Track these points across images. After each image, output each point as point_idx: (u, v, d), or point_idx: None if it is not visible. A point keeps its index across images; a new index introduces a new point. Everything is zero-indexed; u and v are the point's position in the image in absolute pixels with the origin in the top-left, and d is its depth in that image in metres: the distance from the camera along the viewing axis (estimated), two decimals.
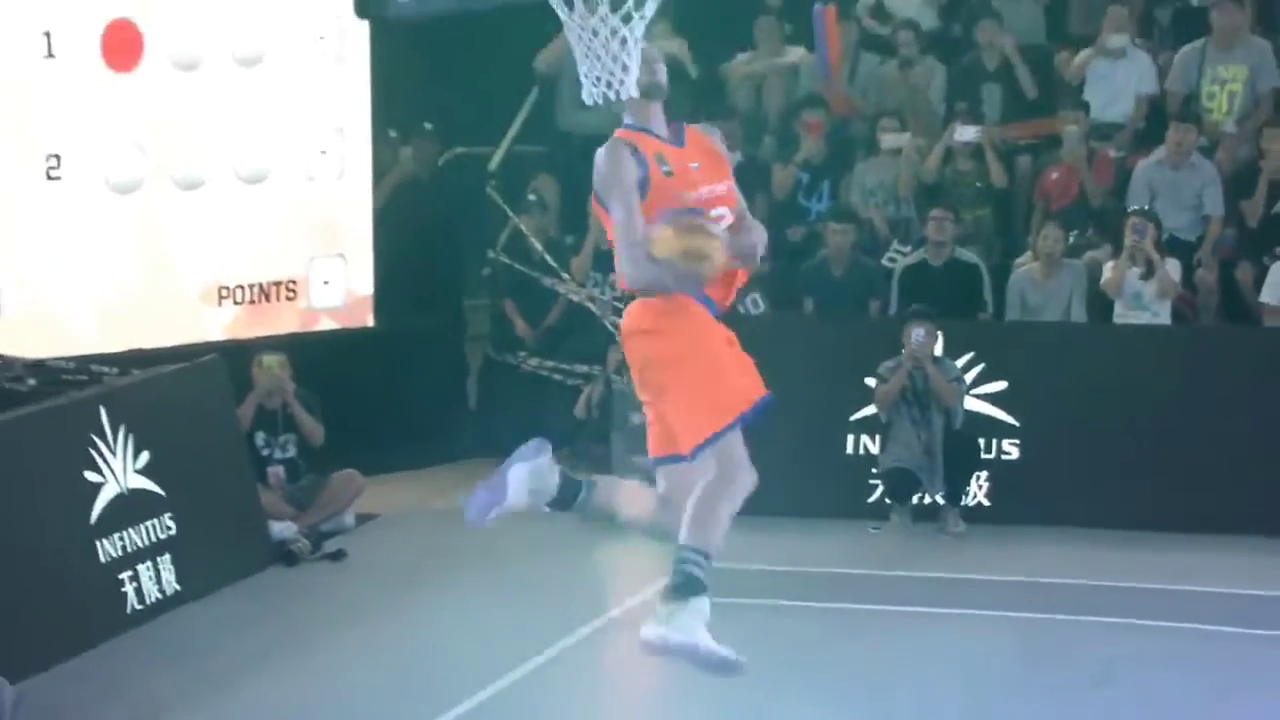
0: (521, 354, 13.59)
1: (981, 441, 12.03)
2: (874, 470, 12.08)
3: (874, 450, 12.11)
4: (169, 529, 10.53)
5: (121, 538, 10.22)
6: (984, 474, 12.06)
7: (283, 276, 12.73)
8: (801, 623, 10.15)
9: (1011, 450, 12.12)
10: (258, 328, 12.50)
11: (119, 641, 9.96)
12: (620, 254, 6.18)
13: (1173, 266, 12.42)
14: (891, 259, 13.26)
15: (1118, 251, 12.46)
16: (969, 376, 12.08)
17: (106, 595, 10.07)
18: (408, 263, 13.41)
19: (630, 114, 6.29)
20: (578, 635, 9.89)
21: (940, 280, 12.73)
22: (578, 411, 12.93)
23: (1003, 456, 12.11)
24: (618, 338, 6.29)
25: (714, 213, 6.30)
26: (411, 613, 10.52)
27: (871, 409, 12.05)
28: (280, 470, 11.92)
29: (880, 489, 12.07)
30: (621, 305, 8.22)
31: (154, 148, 12.03)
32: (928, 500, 12.01)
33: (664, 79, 6.31)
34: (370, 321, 13.14)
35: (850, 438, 12.20)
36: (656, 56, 6.33)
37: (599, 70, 6.24)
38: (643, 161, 6.18)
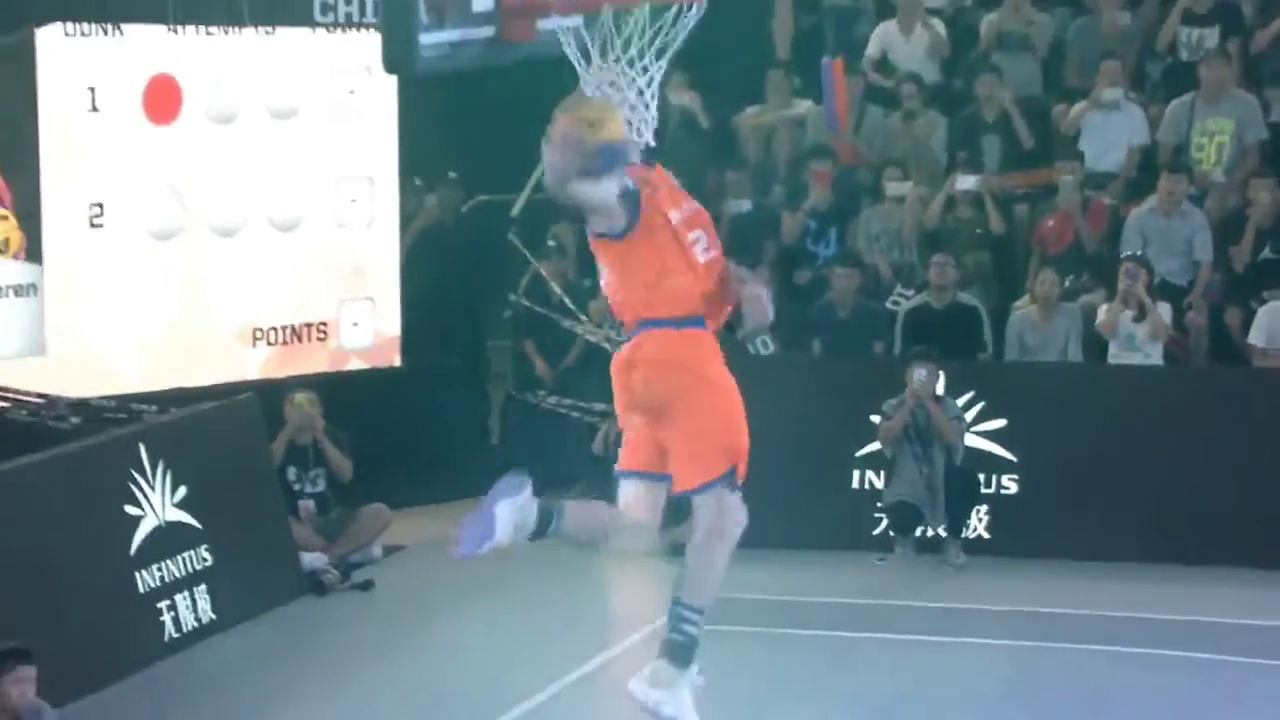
0: (541, 392, 13.61)
1: (981, 477, 12.04)
2: (879, 504, 12.09)
3: (879, 485, 12.13)
4: (205, 560, 10.57)
5: (160, 568, 10.26)
6: (984, 508, 12.07)
7: (314, 318, 12.80)
8: (809, 650, 10.15)
9: (1010, 485, 12.12)
10: (290, 367, 12.55)
11: (158, 668, 9.99)
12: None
13: (1164, 310, 12.44)
14: (895, 302, 13.29)
15: (1112, 295, 12.48)
16: (969, 414, 12.10)
17: (145, 624, 10.11)
18: (433, 305, 13.48)
19: None
20: (599, 660, 9.90)
21: (942, 322, 12.74)
22: (595, 448, 12.94)
23: (1002, 491, 12.12)
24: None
25: (691, 235, 6.35)
26: (437, 640, 10.55)
27: (876, 445, 12.07)
28: (311, 504, 11.96)
29: (885, 522, 12.08)
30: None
31: (192, 196, 12.11)
32: (930, 533, 12.03)
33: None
34: (397, 361, 13.19)
35: (856, 473, 12.22)
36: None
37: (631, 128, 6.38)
38: (630, 182, 6.26)
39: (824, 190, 13.80)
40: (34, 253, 11.50)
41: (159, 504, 10.36)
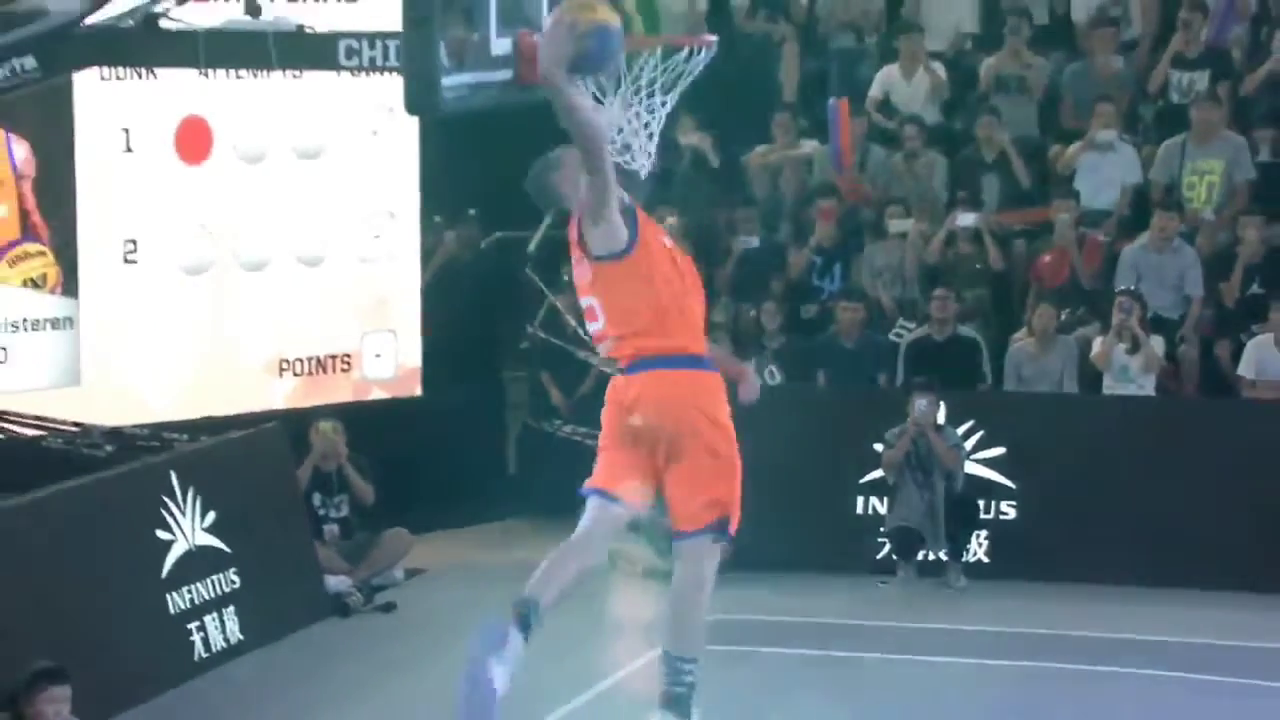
0: (557, 422, 13.61)
1: (981, 503, 12.04)
2: (882, 529, 12.08)
3: (881, 510, 12.12)
4: (233, 583, 10.58)
5: (190, 591, 10.27)
6: (983, 533, 12.06)
7: (338, 350, 12.84)
8: (813, 669, 10.13)
9: (1009, 511, 12.12)
10: (315, 397, 12.58)
11: (188, 687, 9.99)
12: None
13: (1157, 343, 12.44)
14: (898, 334, 13.30)
15: (1106, 329, 12.49)
16: (969, 443, 12.10)
17: (176, 644, 10.11)
18: (452, 337, 13.49)
19: None
20: (616, 678, 9.86)
21: (943, 354, 12.75)
22: None
23: (1001, 517, 12.11)
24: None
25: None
26: (457, 660, 10.47)
27: (879, 472, 12.07)
28: (335, 528, 11.96)
29: (887, 546, 12.07)
30: None
31: (221, 233, 12.17)
32: (931, 557, 12.01)
33: None
34: (418, 391, 13.22)
35: (860, 499, 12.21)
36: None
37: (627, 156, 6.40)
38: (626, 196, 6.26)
39: (829, 227, 13.82)
40: (70, 287, 11.57)
41: (189, 529, 10.37)
